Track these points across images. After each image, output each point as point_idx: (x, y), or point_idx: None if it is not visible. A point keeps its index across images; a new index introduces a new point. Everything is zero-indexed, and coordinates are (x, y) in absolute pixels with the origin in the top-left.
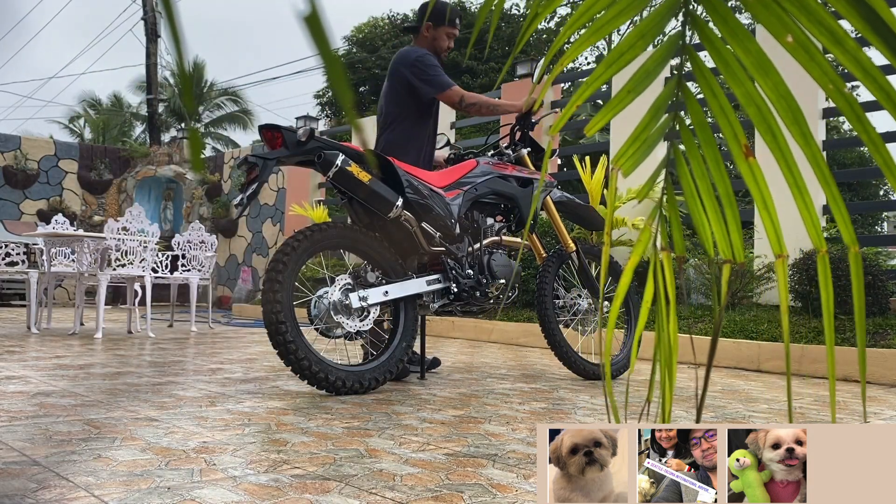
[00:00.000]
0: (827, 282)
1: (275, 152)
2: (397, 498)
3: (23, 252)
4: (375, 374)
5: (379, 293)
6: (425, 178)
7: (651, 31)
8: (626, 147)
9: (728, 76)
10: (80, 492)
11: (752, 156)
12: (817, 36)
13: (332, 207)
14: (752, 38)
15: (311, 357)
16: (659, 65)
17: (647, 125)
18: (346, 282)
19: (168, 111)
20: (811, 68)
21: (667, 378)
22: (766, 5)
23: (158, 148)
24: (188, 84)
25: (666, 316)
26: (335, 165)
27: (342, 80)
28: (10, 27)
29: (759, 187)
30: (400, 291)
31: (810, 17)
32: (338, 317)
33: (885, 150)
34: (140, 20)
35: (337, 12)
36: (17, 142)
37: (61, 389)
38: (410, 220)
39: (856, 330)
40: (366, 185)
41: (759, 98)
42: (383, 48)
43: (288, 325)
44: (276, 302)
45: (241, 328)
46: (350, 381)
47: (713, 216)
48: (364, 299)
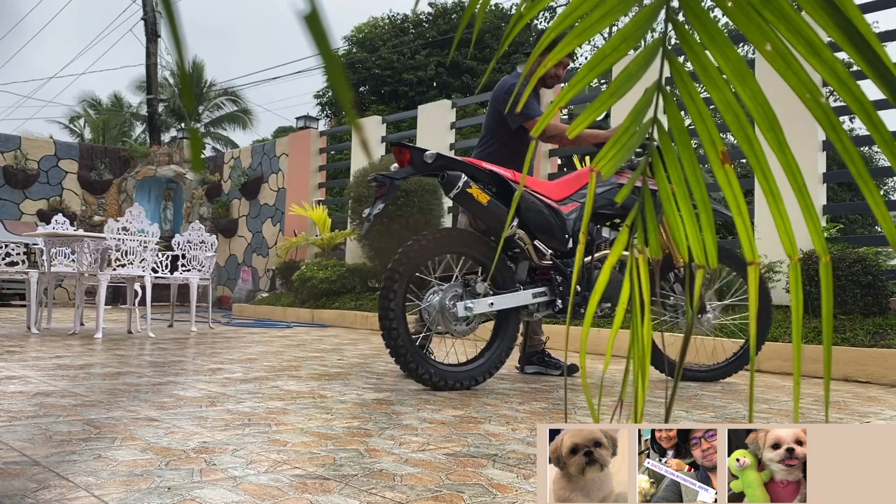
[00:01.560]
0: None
1: (401, 171)
2: (397, 498)
3: (23, 252)
4: (475, 374)
5: (485, 304)
6: (544, 191)
7: (634, 34)
8: (606, 150)
9: (707, 82)
10: (80, 492)
11: (728, 162)
12: (795, 45)
13: (332, 208)
14: (731, 45)
15: (417, 359)
16: (641, 68)
17: (628, 129)
18: (456, 290)
19: (168, 111)
20: (788, 77)
21: (640, 378)
22: (746, 13)
23: (158, 148)
24: (188, 84)
25: (640, 317)
26: (457, 187)
27: (342, 80)
28: (9, 27)
29: (734, 194)
30: (505, 303)
31: (789, 26)
32: (444, 321)
33: (859, 160)
34: (140, 20)
35: (336, 11)
36: (17, 142)
37: (61, 389)
38: (524, 238)
39: (823, 334)
40: (484, 206)
41: (736, 105)
42: (383, 48)
43: (398, 329)
44: (389, 309)
45: (241, 328)
46: (450, 379)
47: (688, 220)
48: (469, 309)
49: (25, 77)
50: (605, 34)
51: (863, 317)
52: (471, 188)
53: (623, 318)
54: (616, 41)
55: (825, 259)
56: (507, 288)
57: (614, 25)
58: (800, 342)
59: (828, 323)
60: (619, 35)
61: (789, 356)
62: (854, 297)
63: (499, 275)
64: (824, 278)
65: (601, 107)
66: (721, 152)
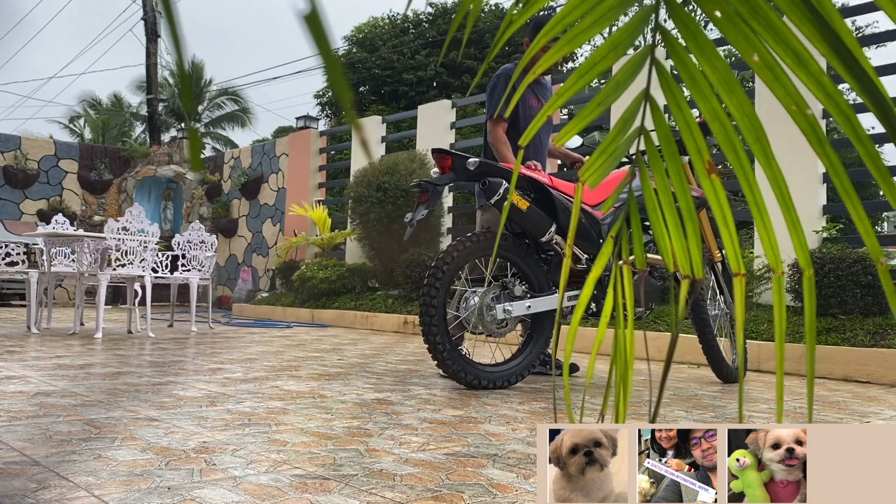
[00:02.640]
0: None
1: (444, 178)
2: (397, 498)
3: (23, 252)
4: (508, 376)
5: (522, 307)
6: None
7: (623, 42)
8: (593, 159)
9: (694, 92)
10: (80, 492)
11: (714, 172)
12: (782, 56)
13: (332, 207)
14: (718, 55)
15: (454, 357)
16: (629, 77)
17: (615, 138)
18: (494, 292)
19: (168, 111)
20: (775, 88)
21: (622, 382)
22: (735, 24)
23: (158, 148)
24: (187, 84)
25: (623, 323)
26: (497, 194)
27: (342, 79)
28: (10, 27)
29: (720, 204)
30: (542, 306)
31: (776, 37)
32: (482, 322)
33: (844, 175)
34: (140, 20)
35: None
36: (17, 142)
37: (61, 389)
38: (561, 243)
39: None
40: (523, 212)
41: (723, 115)
42: (383, 48)
43: (439, 328)
44: (431, 306)
45: (241, 328)
46: (485, 380)
47: (673, 230)
48: (508, 312)
49: (25, 77)
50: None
51: (863, 317)
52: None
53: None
54: (605, 49)
55: (808, 273)
56: (543, 291)
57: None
58: (782, 352)
59: (811, 333)
60: (609, 43)
61: (789, 356)
62: (854, 297)
63: (534, 278)
64: (807, 291)
65: (589, 115)
66: (707, 162)
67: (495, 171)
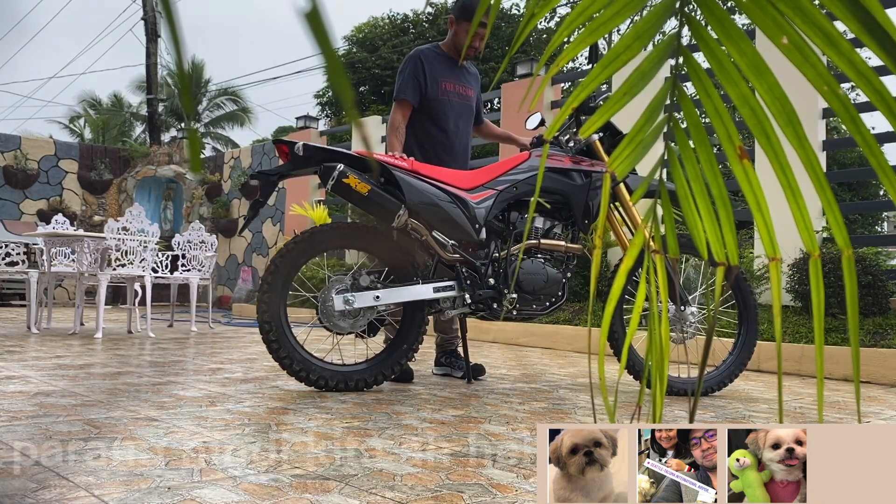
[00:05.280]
0: (819, 285)
1: (277, 168)
2: (397, 498)
3: (23, 252)
4: (364, 376)
5: (369, 298)
6: (447, 179)
7: (647, 31)
8: (621, 149)
9: (723, 77)
10: (80, 492)
11: (746, 157)
12: (812, 38)
13: (332, 207)
14: (747, 40)
15: (293, 355)
16: (655, 66)
17: (643, 127)
18: (342, 283)
19: (168, 111)
20: (806, 70)
21: (658, 380)
22: (762, 7)
23: (158, 148)
24: (187, 84)
25: (658, 318)
26: (332, 178)
27: (342, 79)
28: (10, 27)
29: (753, 189)
30: (394, 297)
31: (805, 18)
32: (325, 316)
33: (879, 151)
34: (140, 20)
35: (337, 9)
36: (17, 142)
37: (61, 389)
38: (419, 228)
39: (849, 331)
40: (364, 196)
41: (753, 100)
42: (383, 48)
43: (273, 324)
44: (263, 302)
45: (241, 328)
46: (334, 380)
47: (707, 218)
48: (349, 303)
49: (25, 77)
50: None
51: (863, 317)
52: (347, 178)
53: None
54: (629, 39)
55: (847, 253)
56: (404, 281)
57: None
58: (822, 335)
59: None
60: (633, 33)
61: (789, 357)
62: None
63: (397, 267)
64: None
65: (615, 106)
66: (738, 147)
67: (330, 156)
